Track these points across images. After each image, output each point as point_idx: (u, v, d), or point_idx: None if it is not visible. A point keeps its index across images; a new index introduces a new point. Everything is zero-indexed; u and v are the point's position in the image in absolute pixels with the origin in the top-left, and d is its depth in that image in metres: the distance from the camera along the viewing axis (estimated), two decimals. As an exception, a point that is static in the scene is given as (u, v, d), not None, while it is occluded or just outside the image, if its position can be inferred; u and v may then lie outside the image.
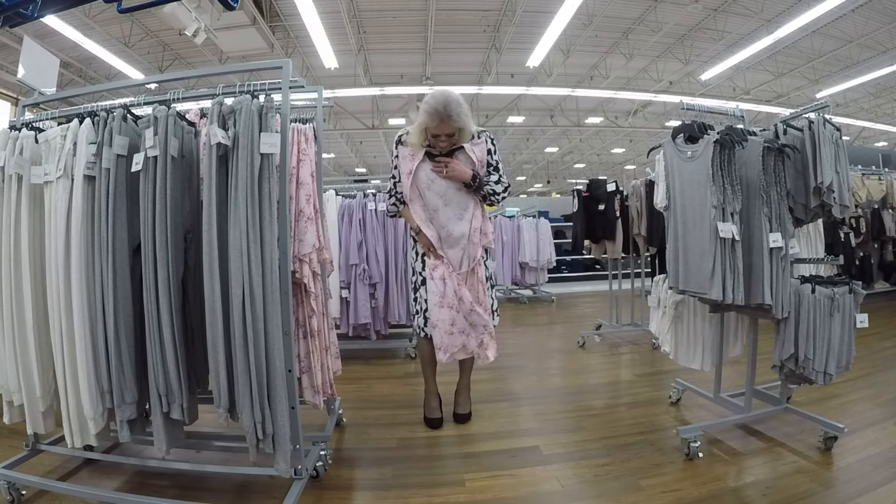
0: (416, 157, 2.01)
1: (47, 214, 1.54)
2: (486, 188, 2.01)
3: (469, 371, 2.23)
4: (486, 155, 2.06)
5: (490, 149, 2.06)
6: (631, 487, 1.60)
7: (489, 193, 2.03)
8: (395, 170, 2.08)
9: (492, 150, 2.06)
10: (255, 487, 1.62)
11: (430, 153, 2.02)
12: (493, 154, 2.07)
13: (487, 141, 2.07)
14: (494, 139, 2.11)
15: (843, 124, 5.73)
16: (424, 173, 2.01)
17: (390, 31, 8.28)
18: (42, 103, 1.97)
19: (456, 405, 2.22)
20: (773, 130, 1.99)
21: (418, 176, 2.01)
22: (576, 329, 4.02)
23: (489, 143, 2.07)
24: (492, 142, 2.09)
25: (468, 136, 2.01)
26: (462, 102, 1.95)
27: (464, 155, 2.02)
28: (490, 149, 2.06)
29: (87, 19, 6.87)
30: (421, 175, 2.01)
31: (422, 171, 2.01)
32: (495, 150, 2.08)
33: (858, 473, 1.64)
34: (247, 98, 1.43)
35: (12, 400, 1.60)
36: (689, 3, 7.27)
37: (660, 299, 2.38)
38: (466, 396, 2.23)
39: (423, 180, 2.01)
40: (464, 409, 2.21)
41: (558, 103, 12.23)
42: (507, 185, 2.09)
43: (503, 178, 2.09)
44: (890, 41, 8.44)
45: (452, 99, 1.90)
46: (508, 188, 2.09)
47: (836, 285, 1.78)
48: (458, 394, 2.23)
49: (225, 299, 1.39)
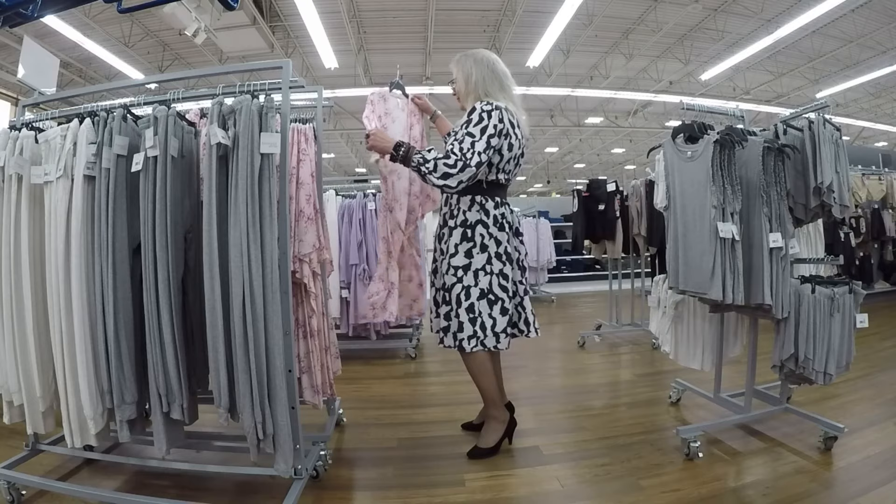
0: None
1: (47, 214, 1.54)
2: (414, 158, 1.64)
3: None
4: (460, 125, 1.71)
5: (470, 120, 1.68)
6: (631, 487, 1.60)
7: (418, 164, 1.64)
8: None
9: (472, 121, 1.67)
10: (255, 487, 1.62)
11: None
12: (468, 125, 1.67)
13: (473, 111, 1.69)
14: (489, 111, 1.67)
15: (843, 124, 5.73)
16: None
17: (390, 31, 8.27)
18: (42, 103, 1.97)
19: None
20: (773, 130, 1.99)
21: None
22: (576, 329, 4.02)
23: (473, 113, 1.69)
24: (481, 113, 1.67)
25: (467, 97, 1.79)
26: (481, 60, 1.76)
27: (416, 119, 1.96)
28: (470, 120, 1.68)
29: (87, 19, 6.86)
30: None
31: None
32: (477, 119, 1.66)
33: (858, 473, 1.64)
34: (247, 98, 1.43)
35: (12, 400, 1.59)
36: (689, 3, 7.26)
37: (660, 299, 2.38)
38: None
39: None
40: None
41: (558, 103, 12.22)
42: (457, 157, 1.61)
43: (454, 149, 1.63)
44: (890, 41, 8.44)
45: (473, 52, 1.81)
46: (458, 163, 1.61)
47: (836, 285, 1.78)
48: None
49: (225, 299, 1.39)
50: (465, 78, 1.79)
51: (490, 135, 1.66)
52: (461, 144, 1.64)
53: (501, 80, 1.78)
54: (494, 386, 1.85)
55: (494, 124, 1.67)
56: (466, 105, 1.80)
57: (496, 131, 1.67)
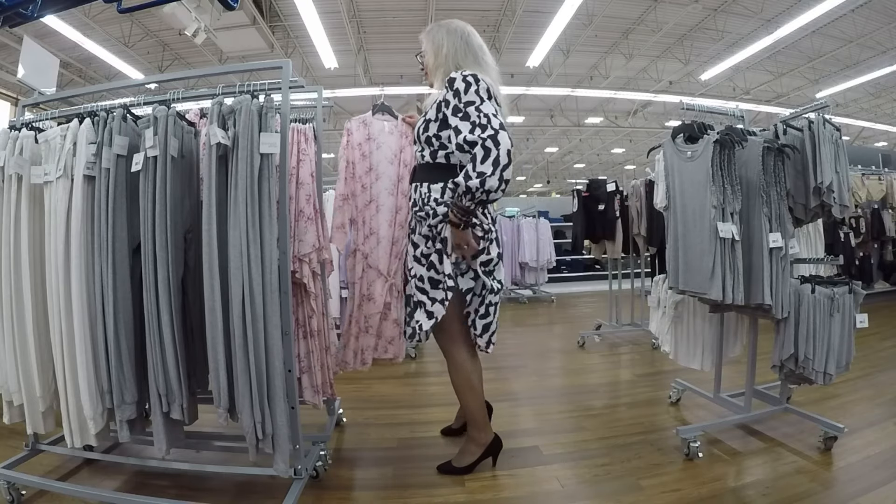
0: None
1: (47, 214, 1.53)
2: (465, 203, 1.42)
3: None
4: (441, 103, 1.51)
5: (457, 91, 1.46)
6: (631, 487, 1.60)
7: (466, 201, 1.41)
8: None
9: (458, 91, 1.46)
10: (254, 487, 1.62)
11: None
12: (457, 97, 1.45)
13: (454, 82, 1.48)
14: (474, 77, 1.47)
15: (843, 124, 5.74)
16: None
17: (390, 31, 8.27)
18: (42, 103, 1.97)
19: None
20: (773, 130, 1.99)
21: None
22: (575, 329, 4.02)
23: (455, 83, 1.47)
24: (465, 79, 1.46)
25: (436, 71, 1.61)
26: (454, 31, 1.58)
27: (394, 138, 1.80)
28: (457, 91, 1.46)
29: (87, 19, 6.87)
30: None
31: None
32: (464, 87, 1.45)
33: (858, 473, 1.64)
34: (247, 98, 1.43)
35: (12, 400, 1.59)
36: (689, 3, 7.27)
37: (660, 299, 2.38)
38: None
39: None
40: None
41: (558, 103, 12.22)
42: (478, 142, 1.38)
43: (466, 138, 1.40)
44: (890, 41, 8.44)
45: (447, 21, 1.62)
46: (487, 143, 1.36)
47: (836, 285, 1.79)
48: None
49: (225, 299, 1.39)
50: (436, 50, 1.61)
51: (488, 96, 1.46)
52: (468, 120, 1.41)
53: (476, 53, 1.59)
54: (480, 405, 1.72)
55: (486, 88, 1.47)
56: (435, 81, 1.63)
57: (490, 94, 1.48)
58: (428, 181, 1.59)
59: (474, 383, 1.69)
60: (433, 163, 1.59)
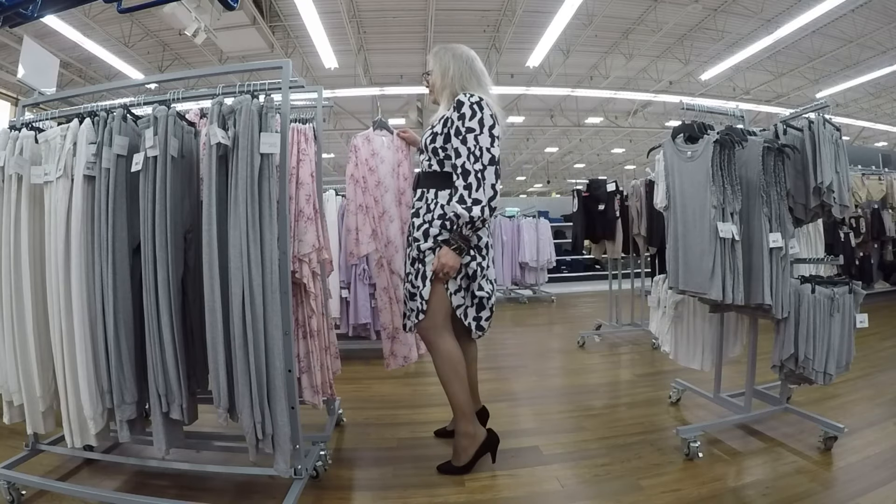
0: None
1: (47, 214, 1.54)
2: (460, 227, 1.55)
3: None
4: (446, 124, 1.63)
5: (462, 115, 1.57)
6: (631, 487, 1.60)
7: (461, 225, 1.54)
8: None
9: (465, 116, 1.56)
10: (255, 487, 1.62)
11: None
12: (462, 120, 1.56)
13: (462, 105, 1.58)
14: (479, 103, 1.58)
15: (843, 124, 5.73)
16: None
17: (390, 31, 8.27)
18: (42, 103, 1.97)
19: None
20: (773, 130, 1.99)
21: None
22: (575, 329, 4.02)
23: (462, 108, 1.58)
24: (472, 106, 1.57)
25: (442, 91, 1.72)
26: (460, 56, 1.70)
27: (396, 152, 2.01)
28: (462, 115, 1.57)
29: (87, 19, 6.87)
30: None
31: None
32: (470, 113, 1.56)
33: (858, 473, 1.64)
34: (247, 98, 1.43)
35: (12, 400, 1.59)
36: (689, 3, 7.27)
37: (660, 299, 2.38)
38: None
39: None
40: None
41: (558, 103, 12.22)
42: (472, 172, 1.52)
43: (464, 165, 1.53)
44: (890, 41, 8.44)
45: (452, 46, 1.74)
46: (478, 175, 1.51)
47: (836, 285, 1.79)
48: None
49: (225, 299, 1.39)
50: (443, 72, 1.73)
51: (490, 126, 1.57)
52: (465, 146, 1.54)
53: (479, 77, 1.72)
54: (465, 394, 1.69)
55: (490, 115, 1.59)
56: (440, 99, 1.75)
57: (494, 121, 1.59)
58: (435, 188, 1.69)
59: (460, 372, 1.68)
60: (440, 171, 1.69)
